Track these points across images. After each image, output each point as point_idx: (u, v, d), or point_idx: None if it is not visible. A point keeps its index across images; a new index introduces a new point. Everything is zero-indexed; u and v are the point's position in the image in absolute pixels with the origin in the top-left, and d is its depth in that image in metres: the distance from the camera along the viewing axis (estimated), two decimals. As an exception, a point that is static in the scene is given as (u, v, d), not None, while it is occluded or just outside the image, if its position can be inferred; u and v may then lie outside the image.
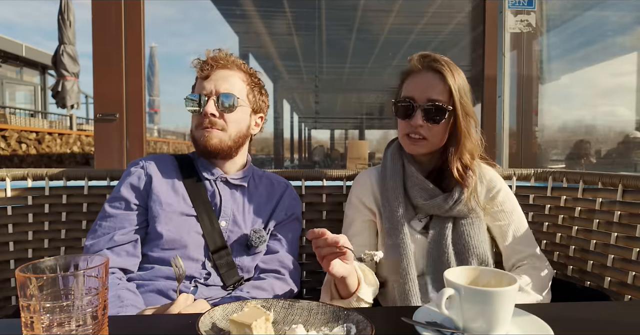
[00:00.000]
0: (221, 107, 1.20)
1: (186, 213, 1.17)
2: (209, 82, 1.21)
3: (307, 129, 11.40)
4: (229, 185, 1.26)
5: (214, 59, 1.23)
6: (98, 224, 1.17)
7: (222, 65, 1.23)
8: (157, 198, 1.17)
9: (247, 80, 1.27)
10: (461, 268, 0.74)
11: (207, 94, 1.20)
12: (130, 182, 1.21)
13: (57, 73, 8.64)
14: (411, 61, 1.19)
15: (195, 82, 1.27)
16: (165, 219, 1.15)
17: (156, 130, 17.39)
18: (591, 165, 4.23)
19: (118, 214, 1.17)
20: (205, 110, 1.18)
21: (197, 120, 1.23)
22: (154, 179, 1.21)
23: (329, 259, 0.91)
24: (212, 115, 1.18)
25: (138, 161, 1.26)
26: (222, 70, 1.23)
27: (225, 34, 4.88)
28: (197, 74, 1.25)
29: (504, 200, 1.22)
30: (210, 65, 1.22)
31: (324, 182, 1.55)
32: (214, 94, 1.20)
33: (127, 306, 0.98)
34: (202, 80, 1.22)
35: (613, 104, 4.91)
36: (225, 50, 1.27)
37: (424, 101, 1.14)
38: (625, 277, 1.20)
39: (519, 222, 1.23)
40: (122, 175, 1.25)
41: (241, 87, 1.25)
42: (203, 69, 1.22)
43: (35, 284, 0.54)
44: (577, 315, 0.81)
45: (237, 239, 1.20)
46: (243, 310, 0.69)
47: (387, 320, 0.74)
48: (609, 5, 4.33)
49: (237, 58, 1.28)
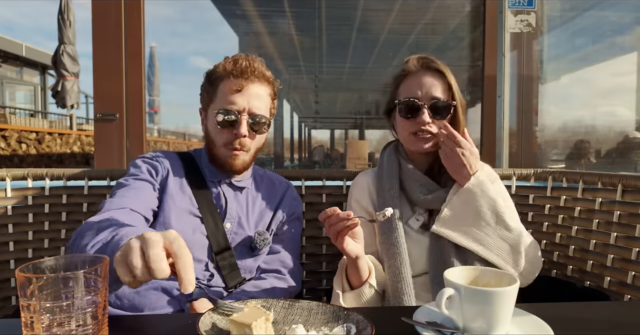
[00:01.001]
0: (252, 128, 1.17)
1: (193, 213, 1.16)
2: (242, 98, 1.15)
3: (307, 128, 11.40)
4: (232, 187, 1.25)
5: (250, 71, 1.16)
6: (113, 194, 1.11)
7: (255, 78, 1.17)
8: (170, 192, 1.15)
9: (272, 93, 1.24)
10: (461, 268, 0.74)
11: (240, 111, 1.15)
12: (151, 167, 1.18)
13: (57, 73, 8.64)
14: (408, 63, 1.23)
15: (210, 81, 1.21)
16: (175, 215, 1.13)
17: (156, 130, 17.40)
18: (591, 165, 4.24)
19: (138, 186, 1.12)
20: (240, 132, 1.15)
21: (226, 137, 1.17)
22: (170, 174, 1.19)
23: (342, 234, 0.94)
24: (243, 136, 1.16)
25: (157, 153, 1.24)
26: (255, 86, 1.17)
27: (225, 34, 4.88)
28: (226, 82, 1.17)
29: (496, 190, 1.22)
30: (243, 79, 1.15)
31: (324, 182, 1.56)
32: (246, 112, 1.16)
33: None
34: (234, 93, 1.15)
35: (613, 104, 4.91)
36: (256, 58, 1.20)
37: (429, 99, 1.17)
38: (625, 277, 1.20)
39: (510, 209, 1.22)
40: (137, 162, 1.20)
41: (268, 102, 1.22)
42: (235, 82, 1.15)
43: (35, 284, 0.54)
44: (577, 315, 0.81)
45: (241, 240, 1.20)
46: (243, 310, 0.69)
47: (387, 320, 0.74)
48: (609, 5, 4.33)
49: (267, 69, 1.22)
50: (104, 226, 0.87)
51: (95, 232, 0.85)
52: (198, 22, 48.56)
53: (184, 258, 0.63)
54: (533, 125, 2.78)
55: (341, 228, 0.93)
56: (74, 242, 0.90)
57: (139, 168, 1.18)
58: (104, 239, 0.81)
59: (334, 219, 0.92)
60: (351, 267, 1.04)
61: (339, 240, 0.95)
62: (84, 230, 0.90)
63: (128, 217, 1.01)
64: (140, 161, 1.21)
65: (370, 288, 1.06)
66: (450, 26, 4.87)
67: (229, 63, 1.18)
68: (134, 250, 0.64)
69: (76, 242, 0.88)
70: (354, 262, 1.02)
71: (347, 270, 1.07)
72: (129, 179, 1.15)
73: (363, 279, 1.06)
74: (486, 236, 1.11)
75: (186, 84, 4.35)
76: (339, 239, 0.95)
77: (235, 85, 1.15)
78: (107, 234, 0.82)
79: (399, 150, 1.30)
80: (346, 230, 0.94)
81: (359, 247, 0.99)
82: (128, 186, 1.12)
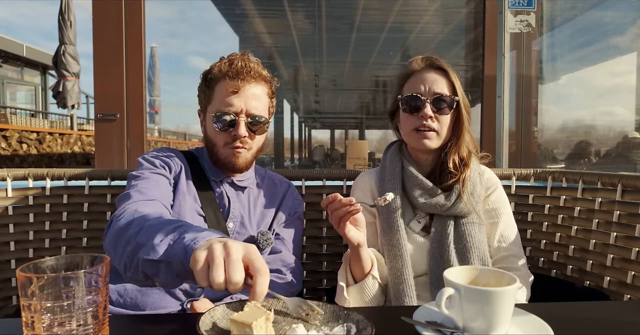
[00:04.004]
0: (251, 129, 1.17)
1: (197, 212, 1.16)
2: (239, 99, 1.15)
3: (307, 128, 11.40)
4: (234, 186, 1.26)
5: (246, 71, 1.15)
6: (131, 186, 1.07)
7: (251, 79, 1.16)
8: (182, 190, 1.15)
9: (269, 92, 1.24)
10: (461, 268, 0.74)
11: (238, 113, 1.15)
12: (164, 163, 1.17)
13: (57, 73, 8.63)
14: (413, 62, 1.25)
15: (206, 83, 1.20)
16: (183, 212, 1.12)
17: (157, 131, 17.39)
18: (590, 165, 4.24)
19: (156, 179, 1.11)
20: (239, 134, 1.15)
21: (225, 138, 1.17)
22: (181, 171, 1.19)
23: (344, 220, 0.96)
24: (242, 137, 1.16)
25: (167, 150, 1.23)
26: (252, 86, 1.17)
27: (225, 33, 4.88)
28: (223, 84, 1.16)
29: (495, 200, 1.24)
30: (239, 80, 1.15)
31: (324, 182, 1.56)
32: (244, 113, 1.16)
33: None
34: (231, 95, 1.15)
35: (612, 104, 4.91)
36: (251, 57, 1.20)
37: (432, 94, 1.19)
38: (625, 277, 1.21)
39: (508, 221, 1.23)
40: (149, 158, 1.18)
41: (266, 102, 1.22)
42: (231, 83, 1.14)
43: (36, 283, 0.54)
44: (577, 315, 0.81)
45: (244, 240, 1.20)
46: (243, 310, 0.69)
47: (387, 320, 0.75)
48: (609, 6, 4.34)
49: (263, 68, 1.21)
50: (161, 222, 0.83)
51: (154, 228, 0.81)
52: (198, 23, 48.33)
53: (265, 277, 0.67)
54: (533, 125, 2.79)
55: (343, 214, 0.94)
56: (122, 232, 0.85)
57: (152, 162, 1.17)
58: (172, 239, 0.76)
59: (337, 204, 0.94)
60: (354, 257, 1.05)
61: (340, 226, 0.97)
62: (134, 223, 0.86)
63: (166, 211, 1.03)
64: (152, 157, 1.19)
65: (373, 280, 1.07)
66: (450, 26, 4.87)
67: (224, 64, 1.17)
68: (216, 262, 0.65)
69: (127, 234, 0.84)
70: (357, 251, 1.03)
71: (350, 262, 1.08)
72: (145, 172, 1.13)
73: (366, 270, 1.07)
74: None
75: (187, 84, 4.36)
76: (340, 224, 0.96)
77: (231, 87, 1.14)
78: (172, 231, 0.78)
79: (402, 150, 1.30)
80: (348, 216, 0.95)
81: (360, 235, 1.00)
82: (148, 179, 1.10)
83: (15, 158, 8.96)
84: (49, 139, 10.10)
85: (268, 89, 1.23)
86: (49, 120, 14.23)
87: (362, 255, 1.04)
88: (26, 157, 9.22)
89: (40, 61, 16.23)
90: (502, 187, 1.28)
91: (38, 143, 9.73)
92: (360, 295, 1.07)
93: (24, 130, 9.57)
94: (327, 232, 1.54)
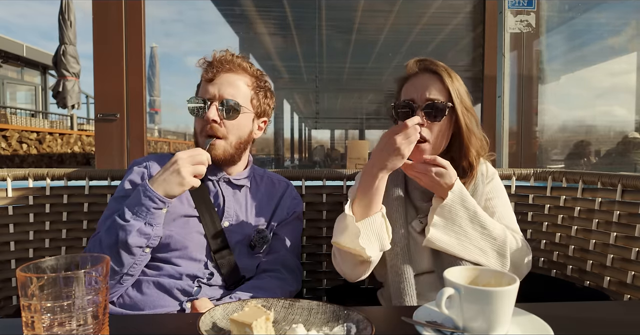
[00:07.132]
0: (224, 114, 1.18)
1: (189, 214, 1.17)
2: (213, 86, 1.19)
3: (307, 129, 11.39)
4: (231, 185, 1.26)
5: (220, 61, 1.20)
6: (102, 221, 1.15)
7: (228, 68, 1.20)
8: None
9: (253, 84, 1.24)
10: (461, 268, 0.74)
11: (210, 98, 1.18)
12: (133, 180, 1.20)
13: (57, 73, 8.63)
14: (407, 66, 1.22)
15: (200, 82, 1.25)
16: (167, 220, 1.13)
17: (157, 131, 17.39)
18: (590, 165, 4.24)
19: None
20: (207, 116, 1.16)
21: (199, 124, 1.21)
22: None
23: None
24: (213, 121, 1.17)
25: (141, 160, 1.25)
26: (227, 74, 1.20)
27: (225, 34, 4.88)
28: (202, 75, 1.22)
29: (490, 190, 1.22)
30: (215, 68, 1.19)
31: (324, 182, 1.56)
32: (217, 99, 1.18)
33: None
34: (207, 83, 1.20)
35: (612, 104, 4.91)
36: (233, 52, 1.24)
37: (423, 101, 1.15)
38: (625, 277, 1.21)
39: (504, 206, 1.22)
40: (125, 174, 1.24)
41: (246, 91, 1.23)
42: (208, 71, 1.19)
43: (36, 283, 0.54)
44: (577, 315, 0.81)
45: (240, 239, 1.20)
46: (243, 310, 0.69)
47: (387, 320, 0.75)
48: (609, 6, 4.34)
49: (244, 60, 1.24)
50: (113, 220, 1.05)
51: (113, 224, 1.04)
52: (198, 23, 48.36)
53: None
54: (533, 125, 2.79)
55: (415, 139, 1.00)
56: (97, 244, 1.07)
57: (123, 190, 1.19)
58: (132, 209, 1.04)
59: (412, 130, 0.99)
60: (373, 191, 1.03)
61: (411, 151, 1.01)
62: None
63: None
64: (126, 177, 1.22)
65: (383, 217, 1.04)
66: (450, 26, 4.87)
67: (206, 57, 1.23)
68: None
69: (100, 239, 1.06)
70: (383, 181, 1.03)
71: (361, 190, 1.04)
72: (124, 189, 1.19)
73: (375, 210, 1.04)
74: (470, 245, 1.10)
75: (187, 84, 4.34)
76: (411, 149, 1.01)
77: (207, 75, 1.20)
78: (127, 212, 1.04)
79: None
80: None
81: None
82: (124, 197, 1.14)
83: (15, 158, 8.96)
84: (49, 139, 10.10)
85: (249, 80, 1.24)
86: (49, 120, 14.24)
87: (381, 188, 1.03)
88: (26, 157, 9.23)
89: (40, 61, 16.23)
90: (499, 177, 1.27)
91: (38, 143, 9.73)
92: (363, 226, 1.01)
93: (24, 130, 9.57)
94: (327, 232, 1.53)
